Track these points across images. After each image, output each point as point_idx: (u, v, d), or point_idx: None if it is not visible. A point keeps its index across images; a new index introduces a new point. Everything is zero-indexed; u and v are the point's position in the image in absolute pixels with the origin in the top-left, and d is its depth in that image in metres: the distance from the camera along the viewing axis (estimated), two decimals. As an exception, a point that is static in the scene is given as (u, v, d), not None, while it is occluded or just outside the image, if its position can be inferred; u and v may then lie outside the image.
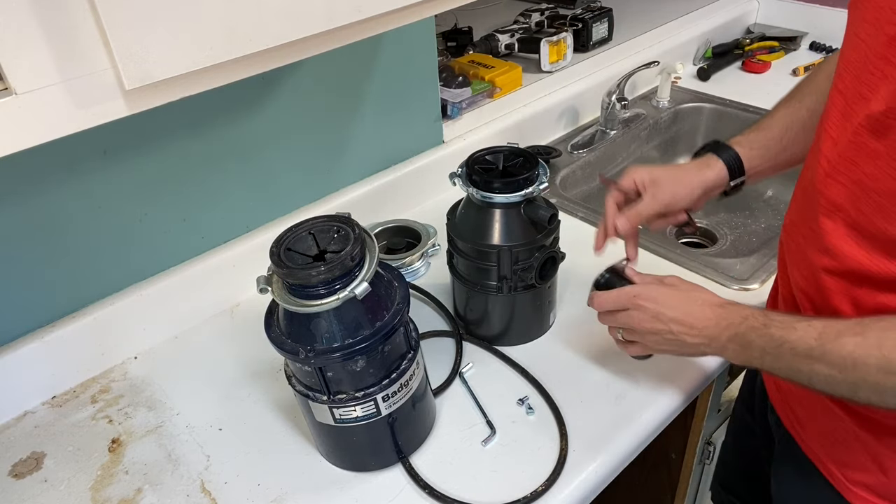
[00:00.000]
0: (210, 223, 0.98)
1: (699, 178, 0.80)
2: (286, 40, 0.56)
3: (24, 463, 0.81)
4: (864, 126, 0.54)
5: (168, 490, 0.76)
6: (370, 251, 0.66)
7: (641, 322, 0.70)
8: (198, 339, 0.98)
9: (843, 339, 0.56)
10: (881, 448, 0.64)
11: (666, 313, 0.69)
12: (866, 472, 0.66)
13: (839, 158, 0.58)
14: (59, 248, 0.85)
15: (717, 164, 0.79)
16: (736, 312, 0.65)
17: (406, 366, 0.70)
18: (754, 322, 0.63)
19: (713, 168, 0.79)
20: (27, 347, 0.85)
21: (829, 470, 0.70)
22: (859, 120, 0.55)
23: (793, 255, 0.68)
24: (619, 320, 0.73)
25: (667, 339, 0.69)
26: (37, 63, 0.45)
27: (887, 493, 0.65)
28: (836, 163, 0.58)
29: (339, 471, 0.77)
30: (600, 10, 1.48)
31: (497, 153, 0.85)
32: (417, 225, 1.11)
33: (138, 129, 0.85)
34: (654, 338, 0.71)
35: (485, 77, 1.28)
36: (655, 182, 0.80)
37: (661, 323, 0.69)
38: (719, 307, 0.67)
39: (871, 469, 0.65)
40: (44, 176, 0.81)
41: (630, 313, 0.71)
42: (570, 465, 0.74)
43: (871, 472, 0.65)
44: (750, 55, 1.65)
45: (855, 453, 0.66)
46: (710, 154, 0.81)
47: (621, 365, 0.86)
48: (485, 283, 0.86)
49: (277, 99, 0.97)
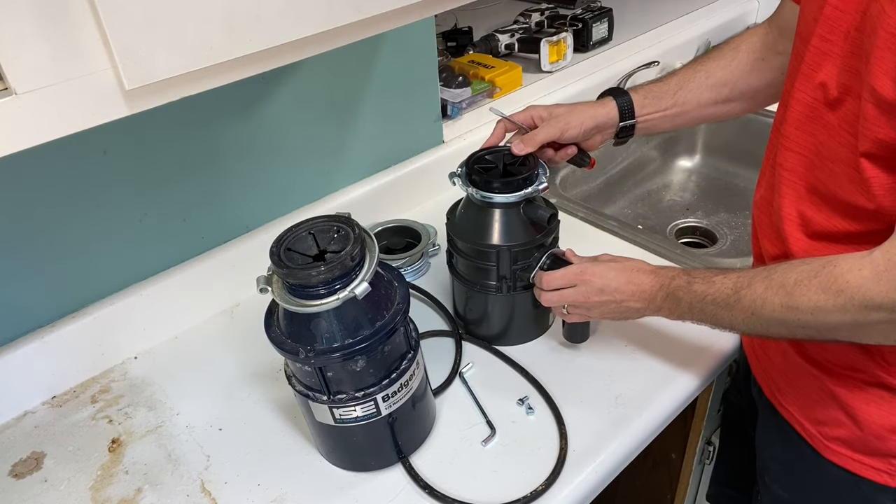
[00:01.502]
0: (210, 223, 0.98)
1: (590, 113, 0.85)
2: (286, 40, 0.56)
3: (24, 463, 0.81)
4: (818, 100, 0.61)
5: (168, 490, 0.76)
6: (370, 251, 0.66)
7: (589, 296, 0.77)
8: (198, 339, 0.98)
9: (754, 284, 0.63)
10: (853, 400, 0.67)
11: (610, 284, 0.76)
12: (841, 427, 0.69)
13: (797, 132, 0.64)
14: (59, 248, 0.85)
15: (610, 103, 0.85)
16: (665, 274, 0.73)
17: (406, 366, 0.70)
18: (680, 281, 0.71)
19: (605, 107, 0.85)
20: (27, 347, 0.85)
21: (807, 430, 0.73)
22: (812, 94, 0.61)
23: (764, 229, 0.73)
24: (567, 296, 0.79)
25: (611, 308, 0.77)
26: (37, 63, 0.45)
27: (862, 446, 0.68)
28: (794, 136, 0.65)
29: (339, 471, 0.77)
30: (600, 10, 1.48)
31: (497, 153, 0.85)
32: (417, 225, 1.11)
33: (138, 129, 0.85)
34: (600, 308, 0.78)
35: (485, 77, 1.28)
36: (551, 114, 0.85)
37: (607, 294, 0.76)
38: (652, 273, 0.75)
39: (846, 423, 0.68)
40: (44, 176, 0.81)
41: (578, 289, 0.78)
42: (570, 465, 0.74)
43: (846, 426, 0.68)
44: (750, 55, 1.65)
45: (830, 409, 0.70)
46: (608, 96, 0.86)
47: (621, 365, 0.86)
48: (484, 283, 0.86)
49: (277, 99, 0.97)
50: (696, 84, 0.84)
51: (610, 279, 0.76)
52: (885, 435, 0.66)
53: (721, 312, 0.67)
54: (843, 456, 0.70)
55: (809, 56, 0.61)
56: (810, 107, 0.62)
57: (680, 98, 0.85)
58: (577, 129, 0.84)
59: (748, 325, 0.65)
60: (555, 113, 0.85)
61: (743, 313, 0.64)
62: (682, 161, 1.57)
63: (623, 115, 0.85)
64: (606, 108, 0.85)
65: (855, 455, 0.69)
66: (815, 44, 0.60)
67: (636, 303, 0.75)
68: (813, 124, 0.62)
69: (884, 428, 0.66)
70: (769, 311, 0.62)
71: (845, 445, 0.69)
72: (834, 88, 0.58)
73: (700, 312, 0.69)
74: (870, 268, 0.55)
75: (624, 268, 0.77)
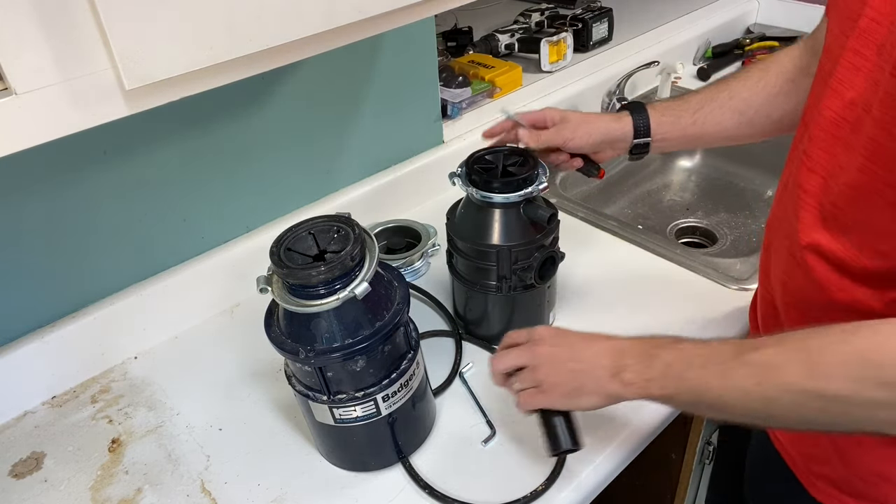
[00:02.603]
0: (210, 223, 0.98)
1: (603, 126, 0.82)
2: (286, 40, 0.56)
3: (24, 463, 0.81)
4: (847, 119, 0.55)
5: (168, 490, 0.76)
6: (370, 251, 0.66)
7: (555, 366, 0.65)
8: (198, 339, 0.98)
9: (762, 348, 0.53)
10: (843, 439, 0.64)
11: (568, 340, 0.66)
12: (828, 464, 0.66)
13: (822, 152, 0.59)
14: (59, 248, 0.85)
15: (625, 118, 0.82)
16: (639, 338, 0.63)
17: (406, 366, 0.70)
18: (663, 341, 0.61)
19: (621, 121, 0.82)
20: (27, 347, 0.85)
21: (795, 462, 0.71)
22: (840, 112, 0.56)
23: (778, 253, 0.68)
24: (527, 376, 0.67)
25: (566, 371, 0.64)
26: (37, 63, 0.45)
27: (848, 487, 0.65)
28: (818, 157, 0.59)
29: (339, 471, 0.77)
30: (600, 10, 1.48)
31: (497, 153, 0.85)
32: (417, 225, 1.11)
33: (138, 129, 0.85)
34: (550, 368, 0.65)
35: (485, 77, 1.28)
36: (564, 119, 0.83)
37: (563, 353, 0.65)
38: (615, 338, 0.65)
39: (834, 460, 0.65)
40: (44, 176, 0.81)
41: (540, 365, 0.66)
42: (570, 465, 0.74)
43: (833, 463, 0.66)
44: (750, 55, 1.65)
45: (820, 445, 0.67)
46: (625, 111, 0.83)
47: (621, 365, 0.86)
48: (484, 283, 0.86)
49: (277, 99, 0.97)
50: (719, 104, 0.80)
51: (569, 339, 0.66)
52: (872, 479, 0.63)
53: (711, 380, 0.55)
54: (829, 495, 0.67)
55: (840, 72, 0.56)
56: (837, 125, 0.56)
57: (700, 118, 0.81)
58: (583, 139, 0.82)
59: (745, 403, 0.53)
60: (567, 119, 0.83)
61: (743, 382, 0.53)
62: (682, 161, 1.57)
63: (638, 133, 0.82)
64: (621, 123, 0.82)
65: (841, 496, 0.66)
66: (847, 58, 0.55)
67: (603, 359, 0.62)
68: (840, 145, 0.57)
69: (871, 472, 0.63)
70: (782, 380, 0.51)
71: (832, 485, 0.67)
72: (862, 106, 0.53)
73: (677, 379, 0.57)
74: None
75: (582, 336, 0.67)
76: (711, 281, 0.98)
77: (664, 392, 0.59)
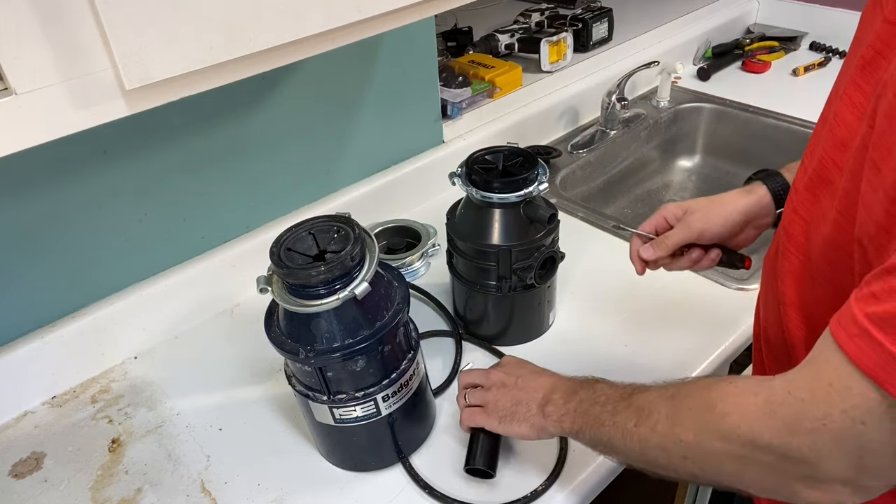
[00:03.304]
0: (210, 223, 0.98)
1: (736, 204, 0.72)
2: (286, 40, 0.56)
3: (24, 463, 0.81)
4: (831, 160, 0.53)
5: (168, 490, 0.76)
6: (370, 251, 0.66)
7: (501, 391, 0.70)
8: (198, 339, 0.98)
9: (650, 389, 0.55)
10: None
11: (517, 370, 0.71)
12: None
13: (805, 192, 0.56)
14: (59, 248, 0.85)
15: (759, 189, 0.72)
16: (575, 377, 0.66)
17: (406, 366, 0.70)
18: (588, 381, 0.64)
19: (755, 193, 0.72)
20: (27, 347, 0.85)
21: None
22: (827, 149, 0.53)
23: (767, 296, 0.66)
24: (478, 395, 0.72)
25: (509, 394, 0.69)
26: (37, 63, 0.45)
27: None
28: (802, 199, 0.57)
29: (339, 471, 0.77)
30: (600, 10, 1.48)
31: (497, 153, 0.85)
32: (417, 225, 1.11)
33: (138, 129, 0.85)
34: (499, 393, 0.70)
35: (485, 77, 1.28)
36: (688, 210, 0.74)
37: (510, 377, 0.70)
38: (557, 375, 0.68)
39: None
40: (44, 176, 0.81)
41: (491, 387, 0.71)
42: (570, 465, 0.74)
43: None
44: (750, 55, 1.65)
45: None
46: (758, 181, 0.73)
47: (620, 365, 0.86)
48: (484, 283, 0.86)
49: (277, 99, 0.97)
50: None
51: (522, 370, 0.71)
52: None
53: (605, 418, 0.57)
54: None
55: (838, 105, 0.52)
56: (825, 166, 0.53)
57: None
58: (720, 225, 0.72)
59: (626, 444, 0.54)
60: (692, 209, 0.73)
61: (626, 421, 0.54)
62: (682, 161, 1.57)
63: (779, 201, 0.70)
64: (756, 196, 0.71)
65: None
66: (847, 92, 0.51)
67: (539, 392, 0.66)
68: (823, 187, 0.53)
69: None
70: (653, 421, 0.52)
71: None
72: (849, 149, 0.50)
73: (583, 415, 0.59)
74: (765, 395, 0.46)
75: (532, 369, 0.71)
76: (711, 281, 0.98)
77: (573, 427, 0.61)
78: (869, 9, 0.52)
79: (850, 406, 0.42)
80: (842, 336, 0.43)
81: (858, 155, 0.46)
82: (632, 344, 0.88)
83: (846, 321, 0.43)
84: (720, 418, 0.48)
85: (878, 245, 0.44)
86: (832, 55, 1.64)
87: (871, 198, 0.44)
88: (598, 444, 0.59)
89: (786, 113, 1.42)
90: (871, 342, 0.40)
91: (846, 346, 0.42)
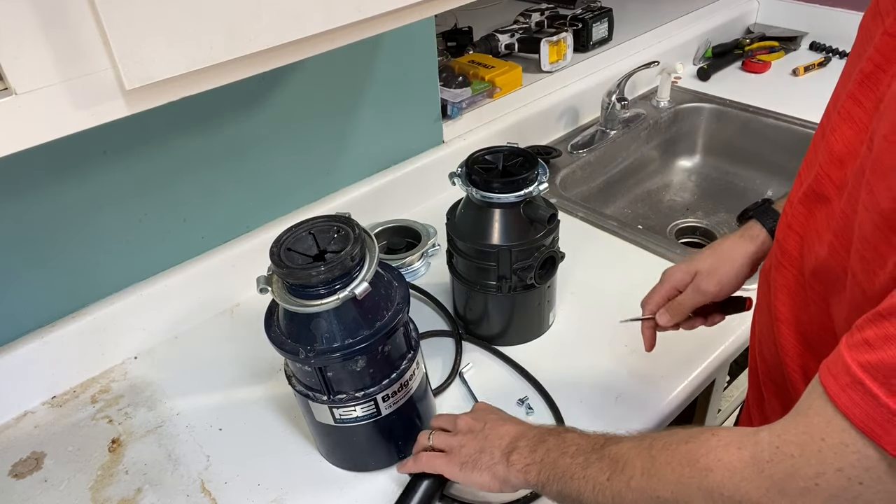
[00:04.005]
0: (210, 223, 0.98)
1: (744, 258, 0.71)
2: (286, 40, 0.56)
3: (24, 463, 0.81)
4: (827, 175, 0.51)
5: (168, 490, 0.76)
6: (370, 251, 0.66)
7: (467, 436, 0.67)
8: (198, 339, 0.98)
9: (624, 441, 0.53)
10: None
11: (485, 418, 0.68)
12: None
13: (799, 205, 0.55)
14: (59, 248, 0.85)
15: (759, 233, 0.71)
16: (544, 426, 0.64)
17: (406, 366, 0.70)
18: (557, 429, 0.61)
19: (756, 240, 0.71)
20: (27, 347, 0.85)
21: None
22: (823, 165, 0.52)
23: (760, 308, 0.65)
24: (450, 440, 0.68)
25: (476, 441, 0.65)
26: (37, 63, 0.45)
27: None
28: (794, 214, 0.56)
29: (339, 471, 0.77)
30: (600, 10, 1.48)
31: (497, 153, 0.85)
32: (417, 225, 1.11)
33: (138, 129, 0.85)
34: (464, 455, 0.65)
35: (485, 77, 1.28)
36: (697, 275, 0.73)
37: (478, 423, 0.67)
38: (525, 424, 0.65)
39: None
40: (44, 176, 0.80)
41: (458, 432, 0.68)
42: (570, 465, 0.74)
43: None
44: (750, 55, 1.65)
45: None
46: (754, 222, 0.72)
47: (621, 365, 0.86)
48: (484, 283, 0.86)
49: (277, 99, 0.97)
50: None
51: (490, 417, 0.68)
52: None
53: (575, 470, 0.53)
54: None
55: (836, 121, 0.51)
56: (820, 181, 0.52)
57: None
58: (733, 285, 0.71)
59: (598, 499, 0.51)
60: (700, 271, 0.72)
61: (598, 475, 0.51)
62: (682, 161, 1.57)
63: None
64: (758, 242, 0.71)
65: None
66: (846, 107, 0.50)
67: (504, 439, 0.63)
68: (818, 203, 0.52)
69: None
70: (627, 476, 0.49)
71: None
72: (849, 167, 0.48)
73: (551, 466, 0.56)
74: (751, 451, 0.43)
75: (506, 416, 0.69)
76: (711, 281, 0.98)
77: (539, 479, 0.58)
78: (868, 19, 0.51)
79: (846, 464, 0.39)
80: (832, 387, 0.40)
81: (856, 178, 0.45)
82: (632, 344, 0.88)
83: (837, 370, 0.40)
84: (702, 474, 0.45)
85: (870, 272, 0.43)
86: (832, 55, 1.64)
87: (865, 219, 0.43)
88: (566, 499, 0.55)
89: (786, 113, 1.42)
90: (865, 394, 0.38)
91: (837, 399, 0.39)
